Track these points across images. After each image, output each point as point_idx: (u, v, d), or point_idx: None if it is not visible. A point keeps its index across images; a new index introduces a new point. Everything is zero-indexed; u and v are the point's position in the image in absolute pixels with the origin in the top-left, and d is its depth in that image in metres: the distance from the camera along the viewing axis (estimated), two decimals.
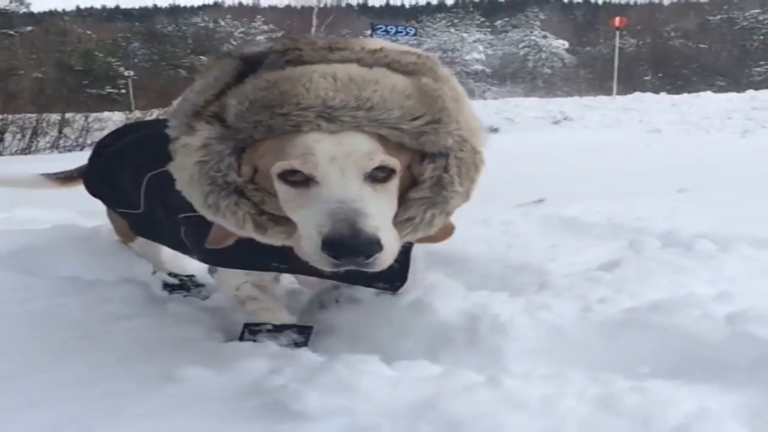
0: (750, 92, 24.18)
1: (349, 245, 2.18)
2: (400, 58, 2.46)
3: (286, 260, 2.69)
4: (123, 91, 44.01)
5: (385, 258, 2.27)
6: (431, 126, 2.39)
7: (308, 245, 2.28)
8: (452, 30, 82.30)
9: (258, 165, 2.42)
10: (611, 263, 3.71)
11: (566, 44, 76.59)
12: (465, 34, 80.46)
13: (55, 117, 27.46)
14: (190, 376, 2.58)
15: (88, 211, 5.78)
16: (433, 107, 2.40)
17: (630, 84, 51.10)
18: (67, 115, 27.75)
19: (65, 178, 4.69)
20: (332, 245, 2.19)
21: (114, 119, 27.64)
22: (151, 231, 3.65)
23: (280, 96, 2.29)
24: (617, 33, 32.05)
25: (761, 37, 58.94)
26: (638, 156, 9.34)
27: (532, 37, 77.88)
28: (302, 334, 3.07)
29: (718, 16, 63.91)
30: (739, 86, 36.31)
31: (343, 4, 63.66)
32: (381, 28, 30.71)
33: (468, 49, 73.83)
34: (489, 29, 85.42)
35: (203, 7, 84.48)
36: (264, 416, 2.30)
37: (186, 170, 2.44)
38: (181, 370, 2.60)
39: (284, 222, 2.48)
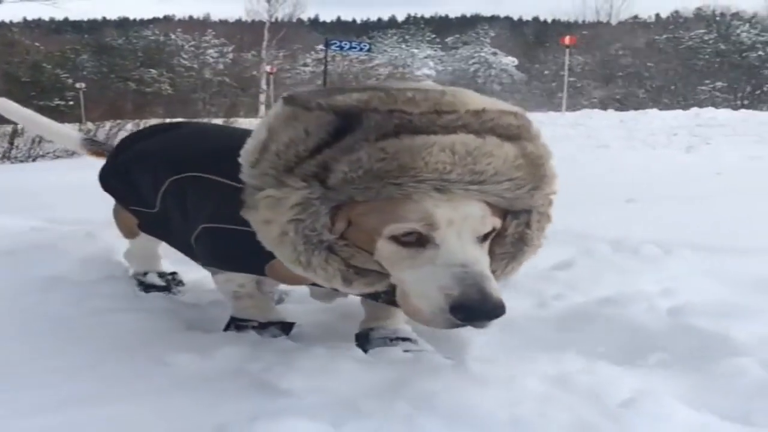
0: (695, 110, 24.56)
1: (480, 311, 2.21)
2: (503, 121, 2.42)
3: None
4: (71, 103, 43.52)
5: None
6: (530, 192, 2.45)
7: (426, 305, 2.29)
8: (403, 46, 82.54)
9: (357, 223, 2.42)
10: (564, 264, 3.96)
11: (516, 61, 76.93)
12: (416, 50, 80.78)
13: (5, 128, 27.14)
14: (179, 362, 2.77)
15: (55, 219, 5.89)
16: (536, 175, 2.45)
17: (579, 100, 51.61)
18: (19, 126, 27.46)
19: (96, 150, 4.60)
20: (463, 310, 2.21)
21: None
22: (161, 231, 3.64)
23: (398, 168, 2.28)
24: (567, 51, 32.41)
25: (706, 57, 59.70)
26: (587, 170, 9.59)
27: (482, 54, 78.20)
28: (284, 330, 3.15)
29: (664, 36, 64.43)
30: (684, 104, 36.81)
31: (294, 20, 63.29)
32: (335, 43, 30.63)
33: (419, 65, 74.09)
34: (439, 45, 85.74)
35: (153, 20, 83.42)
36: (252, 394, 2.50)
37: (276, 225, 2.41)
38: (170, 356, 2.80)
39: (368, 274, 2.50)
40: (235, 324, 3.18)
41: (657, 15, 77.70)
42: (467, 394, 2.36)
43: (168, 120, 20.68)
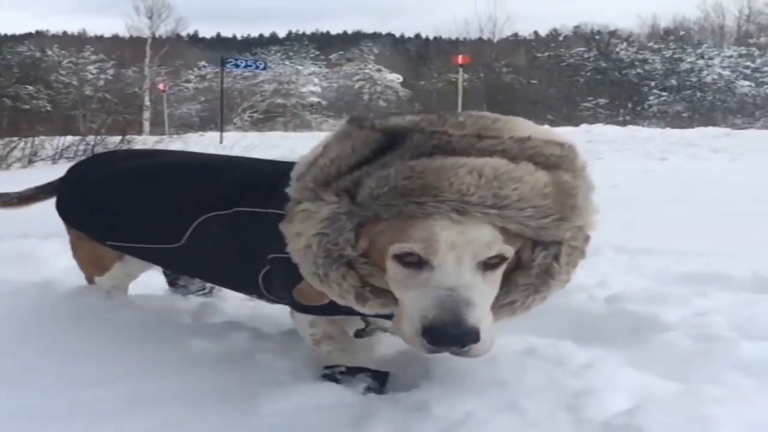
0: (584, 126, 25.42)
1: (449, 334, 2.21)
2: (545, 150, 2.42)
3: None
4: None
5: (481, 348, 2.29)
6: (556, 222, 2.38)
7: (408, 326, 2.31)
8: (287, 62, 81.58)
9: (375, 241, 2.43)
10: None
11: (400, 78, 76.77)
12: (300, 67, 79.87)
13: None
14: (194, 347, 3.20)
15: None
16: (565, 205, 2.39)
17: None
18: None
19: (5, 202, 4.18)
20: (432, 333, 2.22)
21: None
22: (183, 264, 3.61)
23: (421, 187, 2.27)
24: (460, 70, 32.55)
25: (588, 74, 60.76)
26: None
27: (367, 71, 77.68)
28: (376, 380, 2.87)
29: (546, 53, 65.27)
30: (570, 121, 37.73)
31: (174, 36, 62.22)
32: (231, 62, 30.25)
33: (303, 82, 73.34)
34: (324, 62, 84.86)
35: (27, 36, 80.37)
36: (266, 369, 2.98)
37: (303, 237, 2.44)
38: (185, 342, 3.22)
39: (383, 293, 2.51)
40: (323, 374, 2.93)
41: (536, 33, 79.01)
42: (454, 366, 2.80)
43: (54, 137, 19.74)
